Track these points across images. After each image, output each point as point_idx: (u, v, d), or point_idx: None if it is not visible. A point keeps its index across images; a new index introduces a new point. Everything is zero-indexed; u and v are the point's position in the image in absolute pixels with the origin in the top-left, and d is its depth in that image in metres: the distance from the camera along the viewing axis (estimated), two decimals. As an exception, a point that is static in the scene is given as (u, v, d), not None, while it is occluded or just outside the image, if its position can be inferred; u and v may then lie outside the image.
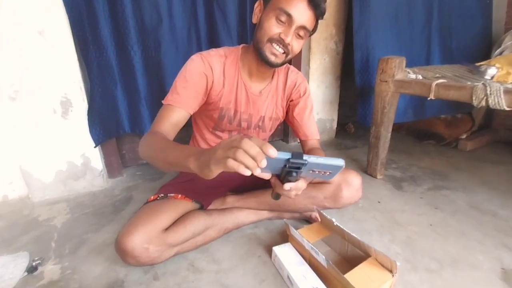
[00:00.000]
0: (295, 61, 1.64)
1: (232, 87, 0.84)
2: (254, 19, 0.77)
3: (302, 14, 0.69)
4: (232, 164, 0.44)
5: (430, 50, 1.70)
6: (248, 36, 1.36)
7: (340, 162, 0.49)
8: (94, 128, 1.17)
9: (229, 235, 0.91)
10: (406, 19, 1.57)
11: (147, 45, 1.20)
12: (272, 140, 1.85)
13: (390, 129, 1.28)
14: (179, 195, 0.83)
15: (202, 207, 0.87)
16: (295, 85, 0.92)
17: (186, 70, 0.79)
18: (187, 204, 0.82)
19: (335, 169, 0.51)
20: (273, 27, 0.71)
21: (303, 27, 0.71)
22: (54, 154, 1.14)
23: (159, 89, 1.27)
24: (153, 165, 0.67)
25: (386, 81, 1.16)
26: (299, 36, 0.73)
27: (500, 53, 1.56)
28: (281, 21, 0.70)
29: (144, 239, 0.69)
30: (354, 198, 0.91)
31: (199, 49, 1.28)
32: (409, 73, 1.16)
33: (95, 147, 1.18)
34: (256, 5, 0.76)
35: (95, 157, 1.21)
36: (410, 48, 1.61)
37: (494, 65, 1.18)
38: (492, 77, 1.11)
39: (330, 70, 1.72)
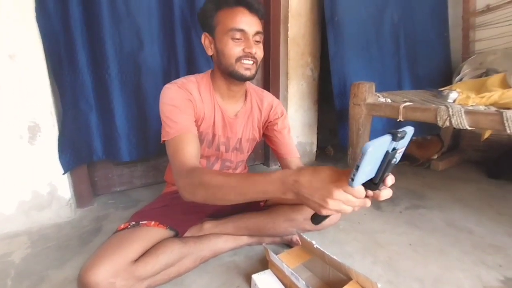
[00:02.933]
0: (274, 86, 1.69)
1: (211, 112, 0.85)
2: (209, 52, 0.80)
3: (250, 23, 0.74)
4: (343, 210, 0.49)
5: (401, 77, 1.83)
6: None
7: (411, 128, 0.44)
8: (64, 154, 1.11)
9: (206, 264, 0.85)
10: (376, 48, 1.71)
11: (125, 71, 1.20)
12: (253, 164, 1.84)
13: (366, 151, 1.31)
14: (152, 222, 0.78)
15: (177, 235, 0.82)
16: (271, 107, 0.94)
17: (170, 99, 0.77)
18: (161, 232, 0.77)
19: (409, 140, 0.46)
20: (234, 48, 0.74)
21: (257, 33, 0.76)
22: (18, 183, 1.06)
23: (137, 114, 1.26)
24: (210, 203, 0.66)
25: (358, 105, 1.22)
26: (258, 42, 0.77)
27: (460, 80, 1.70)
28: (237, 39, 0.74)
29: (110, 272, 0.62)
30: (334, 219, 0.90)
31: (177, 75, 1.29)
32: (379, 97, 1.23)
33: (63, 174, 1.12)
34: (203, 39, 0.80)
35: (63, 185, 1.13)
36: (383, 74, 1.73)
37: (455, 90, 1.28)
38: (454, 101, 1.19)
39: (307, 95, 1.79)
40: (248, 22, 0.73)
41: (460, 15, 1.94)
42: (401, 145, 0.45)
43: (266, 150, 1.84)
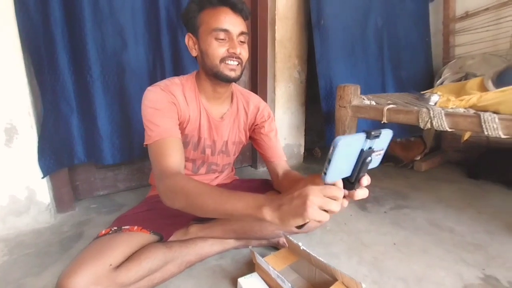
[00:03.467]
0: (261, 88, 1.70)
1: (196, 114, 0.84)
2: (193, 53, 0.80)
3: (234, 23, 0.73)
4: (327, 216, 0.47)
5: (385, 80, 1.87)
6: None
7: (389, 130, 0.44)
8: (43, 157, 1.07)
9: (192, 269, 0.84)
10: (361, 51, 1.74)
11: (108, 72, 1.17)
12: (240, 167, 1.83)
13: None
14: (135, 227, 0.76)
15: (162, 239, 0.80)
16: (258, 109, 0.94)
17: (152, 102, 0.75)
18: (144, 237, 0.75)
19: (388, 143, 0.46)
20: (218, 49, 0.73)
21: (241, 33, 0.75)
22: (-7, 187, 1.01)
23: (121, 116, 1.23)
24: (188, 212, 0.63)
25: (344, 107, 1.24)
26: (242, 43, 0.77)
27: (441, 83, 1.76)
28: (221, 39, 0.73)
29: (90, 279, 0.60)
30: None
31: (163, 76, 1.27)
32: (364, 99, 1.26)
33: (43, 177, 1.07)
34: (186, 40, 0.79)
35: (42, 189, 1.09)
36: (368, 77, 1.76)
37: (436, 93, 1.32)
38: (435, 103, 1.23)
39: (295, 97, 1.80)
40: (232, 22, 0.73)
41: (441, 21, 2.01)
42: (378, 146, 0.45)
43: (253, 153, 1.83)
